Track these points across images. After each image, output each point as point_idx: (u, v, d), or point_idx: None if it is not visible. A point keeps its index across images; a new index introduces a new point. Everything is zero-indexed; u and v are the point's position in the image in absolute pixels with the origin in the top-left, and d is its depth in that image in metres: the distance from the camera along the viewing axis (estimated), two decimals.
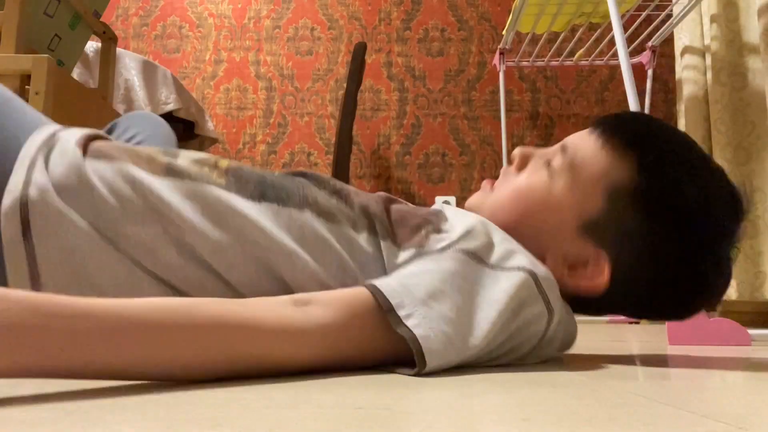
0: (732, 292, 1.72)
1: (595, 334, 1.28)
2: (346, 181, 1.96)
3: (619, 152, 0.57)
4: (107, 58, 1.47)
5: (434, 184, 2.43)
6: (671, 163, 0.57)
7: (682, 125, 2.09)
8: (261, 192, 0.55)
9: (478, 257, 0.52)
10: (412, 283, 0.49)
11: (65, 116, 1.16)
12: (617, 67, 2.46)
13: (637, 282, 0.57)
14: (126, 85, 1.80)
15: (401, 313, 0.46)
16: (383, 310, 0.46)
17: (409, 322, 0.46)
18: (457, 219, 0.57)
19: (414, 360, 0.45)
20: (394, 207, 0.60)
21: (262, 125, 2.48)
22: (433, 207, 0.63)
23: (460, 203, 2.41)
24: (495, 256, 0.53)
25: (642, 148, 0.57)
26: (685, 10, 1.94)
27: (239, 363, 0.41)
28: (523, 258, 0.54)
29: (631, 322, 2.15)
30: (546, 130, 2.46)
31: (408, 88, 2.50)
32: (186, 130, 2.18)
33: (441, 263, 0.51)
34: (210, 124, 2.19)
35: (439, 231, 0.56)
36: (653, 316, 0.64)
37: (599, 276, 0.56)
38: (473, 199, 0.65)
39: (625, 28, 2.26)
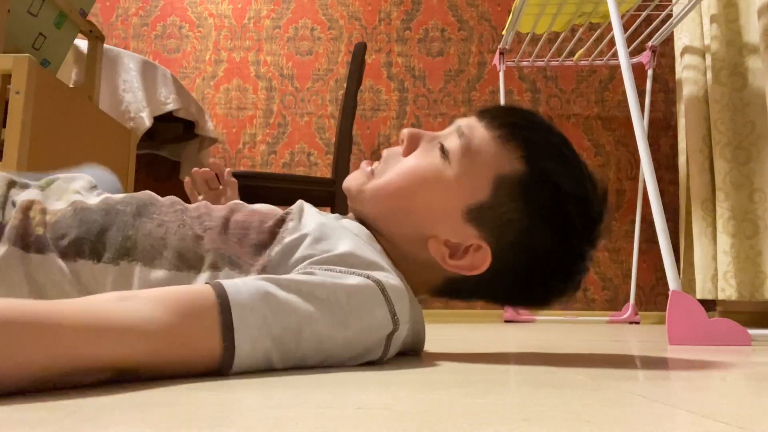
0: (732, 292, 1.72)
1: (595, 334, 1.28)
2: None
3: (506, 143, 0.59)
4: (93, 57, 1.47)
5: None
6: (552, 157, 0.59)
7: (682, 125, 2.09)
8: (77, 249, 0.55)
9: (328, 265, 0.52)
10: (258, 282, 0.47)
11: (47, 116, 1.16)
12: (617, 67, 2.46)
13: (509, 270, 0.60)
14: (125, 85, 1.79)
15: (233, 300, 0.44)
16: (219, 304, 0.43)
17: (236, 309, 0.43)
18: (310, 220, 0.57)
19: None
20: (234, 221, 0.58)
21: (262, 125, 2.48)
22: (293, 207, 0.62)
23: None
24: (344, 263, 0.52)
25: (526, 141, 0.59)
26: (685, 10, 1.94)
27: (44, 364, 0.35)
28: (372, 265, 0.53)
29: (631, 322, 2.16)
30: None
31: (408, 88, 2.50)
32: (186, 130, 2.18)
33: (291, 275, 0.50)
34: (210, 124, 2.19)
35: (282, 239, 0.55)
36: (514, 303, 0.66)
37: (479, 263, 0.58)
38: (352, 182, 0.64)
39: (625, 28, 2.26)
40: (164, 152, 2.33)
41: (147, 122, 1.79)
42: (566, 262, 0.60)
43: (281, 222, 0.58)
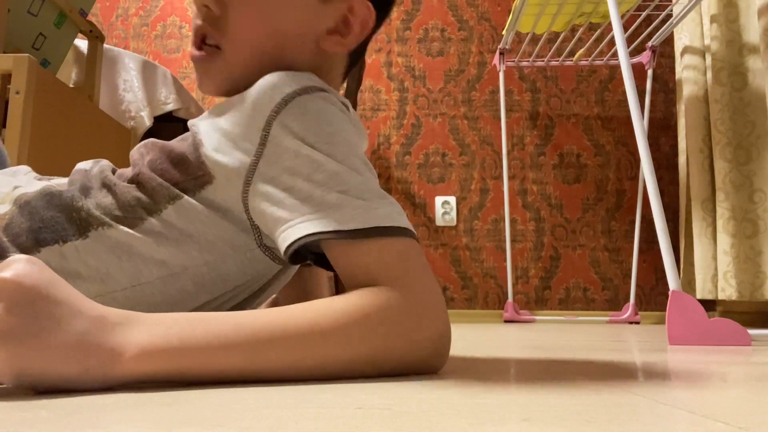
0: (732, 292, 1.72)
1: (595, 334, 1.28)
2: None
3: None
4: (93, 57, 1.47)
5: (434, 184, 2.43)
6: None
7: (682, 125, 2.09)
8: (35, 239, 0.53)
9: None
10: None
11: (47, 116, 1.16)
12: (617, 67, 2.46)
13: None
14: (125, 85, 1.79)
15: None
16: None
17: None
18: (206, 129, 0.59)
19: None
20: (150, 160, 0.58)
21: None
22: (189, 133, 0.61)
23: (460, 203, 2.41)
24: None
25: None
26: (685, 10, 1.94)
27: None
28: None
29: (631, 322, 2.16)
30: (546, 130, 2.46)
31: (408, 88, 2.50)
32: (186, 130, 2.18)
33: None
34: None
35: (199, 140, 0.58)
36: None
37: (366, 15, 0.58)
38: (211, 86, 0.62)
39: (625, 28, 2.26)
40: None
41: (147, 122, 1.79)
42: None
43: (189, 136, 0.58)
